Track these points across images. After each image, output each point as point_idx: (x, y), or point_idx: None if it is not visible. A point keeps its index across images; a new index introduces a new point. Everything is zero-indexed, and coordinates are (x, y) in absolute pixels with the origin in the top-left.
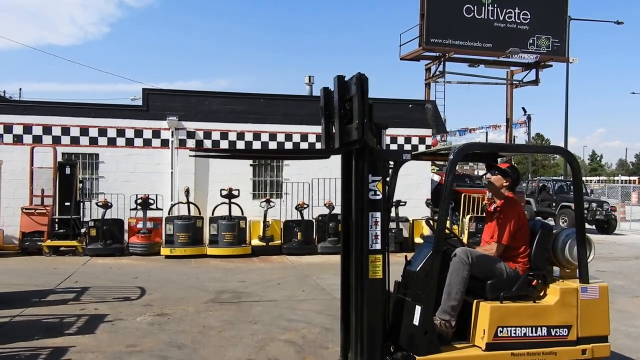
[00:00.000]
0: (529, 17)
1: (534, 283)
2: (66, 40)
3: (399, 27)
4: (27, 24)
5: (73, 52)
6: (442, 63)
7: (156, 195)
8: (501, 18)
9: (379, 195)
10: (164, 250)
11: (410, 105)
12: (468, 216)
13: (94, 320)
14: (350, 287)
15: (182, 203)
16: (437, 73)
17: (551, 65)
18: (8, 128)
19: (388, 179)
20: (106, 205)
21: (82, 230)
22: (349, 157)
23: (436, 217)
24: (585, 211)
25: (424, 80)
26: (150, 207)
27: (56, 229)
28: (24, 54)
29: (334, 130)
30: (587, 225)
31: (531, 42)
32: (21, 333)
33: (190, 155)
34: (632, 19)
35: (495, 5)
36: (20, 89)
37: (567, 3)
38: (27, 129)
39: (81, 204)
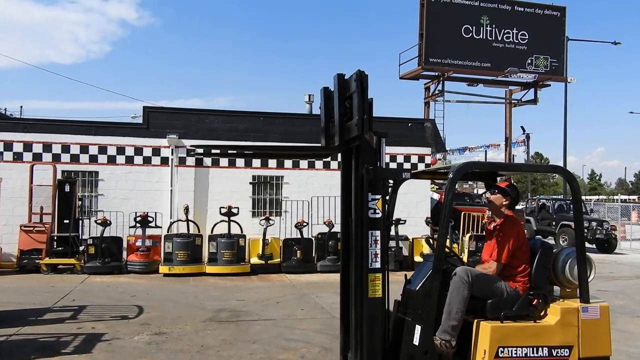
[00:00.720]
0: (527, 37)
1: (534, 302)
2: (68, 58)
3: (398, 47)
4: (30, 42)
5: (75, 70)
6: (441, 82)
7: (155, 213)
8: (499, 38)
9: (378, 213)
10: (163, 268)
11: (409, 124)
12: (468, 235)
13: (91, 339)
14: (350, 306)
15: (182, 221)
16: (436, 92)
17: (549, 85)
18: (8, 146)
19: (387, 197)
20: (105, 223)
21: (81, 248)
22: (349, 159)
23: (436, 236)
24: (585, 230)
25: (423, 99)
26: (150, 224)
27: (54, 246)
28: (26, 73)
29: (333, 131)
30: (587, 244)
31: (529, 62)
32: (17, 352)
33: (189, 153)
34: (629, 39)
35: (494, 26)
36: (21, 107)
37: (565, 24)
38: (27, 146)
39: (80, 221)
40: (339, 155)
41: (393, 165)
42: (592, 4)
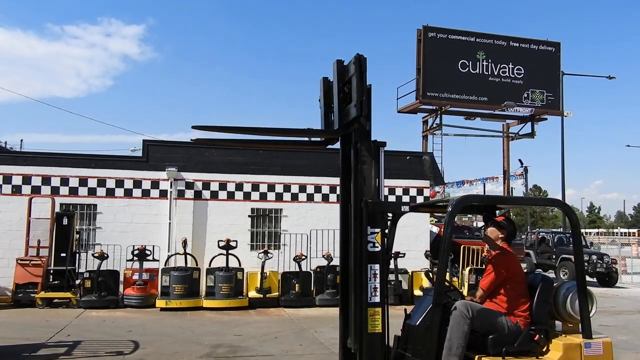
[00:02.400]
0: (523, 72)
1: (536, 338)
2: (70, 92)
3: (396, 80)
4: (33, 76)
5: (76, 104)
6: (438, 116)
7: (153, 246)
8: (495, 73)
9: (377, 247)
10: (160, 303)
11: (408, 157)
12: (468, 268)
13: None
14: (349, 341)
15: (179, 254)
16: (434, 125)
17: (546, 119)
18: (7, 179)
19: (387, 230)
20: (102, 257)
21: (77, 282)
22: (348, 144)
23: (436, 269)
24: (586, 264)
25: (421, 132)
26: (147, 258)
27: (51, 280)
28: (27, 106)
29: (332, 119)
30: (588, 278)
31: (526, 96)
32: None
33: (192, 140)
34: (623, 73)
35: (490, 61)
36: (21, 140)
37: (560, 59)
38: (27, 179)
39: (77, 254)
40: (339, 160)
41: (392, 198)
42: (586, 38)
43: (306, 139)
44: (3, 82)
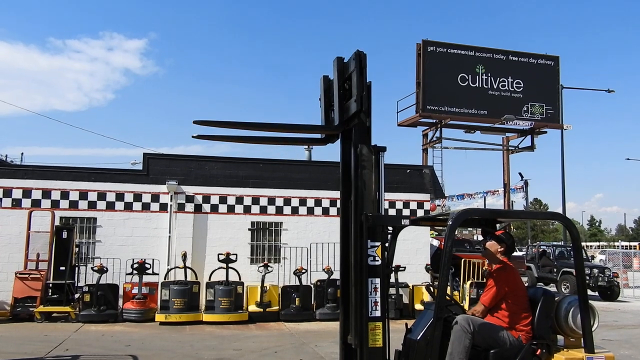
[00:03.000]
0: (522, 85)
1: (538, 352)
2: (72, 106)
3: (396, 94)
4: (35, 90)
5: (77, 117)
6: (438, 129)
7: (153, 259)
8: (495, 86)
9: (378, 260)
10: (159, 317)
11: (408, 171)
12: (469, 282)
13: None
14: (350, 356)
15: (179, 268)
16: (434, 139)
17: (546, 132)
18: (7, 192)
19: (387, 244)
20: (101, 270)
21: (76, 296)
22: (348, 140)
23: (436, 283)
24: (587, 277)
25: (421, 145)
26: (147, 272)
27: (49, 294)
28: (28, 119)
29: (332, 117)
30: (589, 292)
31: (525, 109)
32: None
33: (193, 136)
34: (622, 87)
35: (489, 75)
36: (22, 154)
37: (559, 72)
38: (27, 193)
39: (76, 268)
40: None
41: (392, 212)
42: (585, 52)
43: (308, 136)
44: (5, 95)
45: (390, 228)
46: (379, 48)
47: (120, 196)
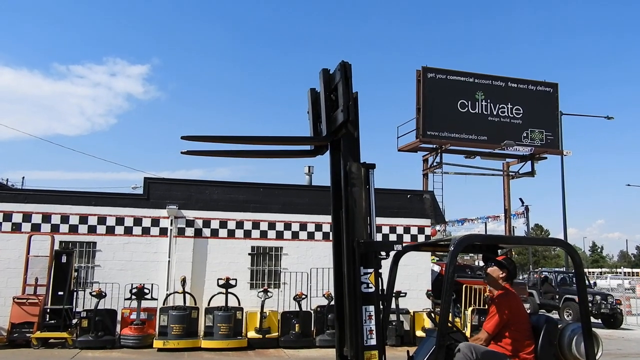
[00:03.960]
0: (522, 112)
1: None
2: (74, 130)
3: (397, 119)
4: (37, 114)
5: (79, 141)
6: (439, 154)
7: (152, 284)
8: (494, 112)
9: (372, 287)
10: (157, 343)
11: (408, 196)
12: (470, 308)
13: None
14: None
15: (178, 293)
16: (435, 164)
17: (546, 158)
18: (7, 216)
19: (380, 270)
20: (100, 295)
21: (74, 321)
22: (337, 152)
23: (438, 310)
24: (590, 304)
25: (421, 170)
26: (145, 297)
27: (47, 319)
28: (30, 144)
29: (320, 128)
30: (592, 319)
31: (525, 135)
32: None
33: (182, 152)
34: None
35: (489, 101)
36: (23, 178)
37: (558, 99)
38: (27, 217)
39: (75, 293)
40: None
41: (393, 237)
42: (584, 78)
43: (297, 148)
44: (7, 120)
45: (383, 254)
46: (378, 74)
47: (120, 220)
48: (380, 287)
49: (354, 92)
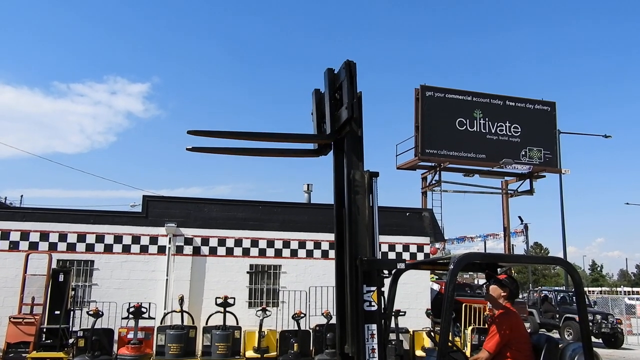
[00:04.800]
0: (520, 130)
1: None
2: (74, 148)
3: (395, 138)
4: (37, 133)
5: (79, 159)
6: (437, 172)
7: (149, 303)
8: (493, 131)
9: (374, 306)
10: None
11: (407, 214)
12: (470, 327)
13: None
14: None
15: (176, 312)
16: (433, 182)
17: (544, 176)
18: (5, 234)
19: (383, 288)
20: (97, 314)
21: (70, 341)
22: (340, 152)
23: (437, 329)
24: (590, 324)
25: (420, 188)
26: (143, 316)
27: (43, 339)
28: (29, 162)
29: (324, 128)
30: (593, 339)
31: (523, 153)
32: None
33: (187, 149)
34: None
35: (487, 119)
36: (21, 196)
37: (556, 118)
38: (24, 235)
39: (72, 312)
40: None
41: (392, 255)
42: (582, 97)
43: (299, 147)
44: (7, 139)
45: (386, 272)
46: (377, 92)
47: (118, 238)
48: (382, 306)
49: (359, 91)
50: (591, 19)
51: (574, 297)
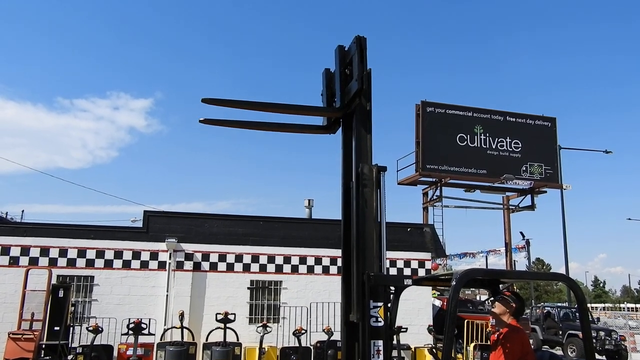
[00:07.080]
0: (520, 146)
1: None
2: (75, 163)
3: (396, 153)
4: (39, 148)
5: (80, 175)
6: (438, 188)
7: (149, 319)
8: (494, 146)
9: (380, 322)
10: None
11: (408, 229)
12: (472, 344)
13: None
14: None
15: (176, 328)
16: (434, 197)
17: (546, 192)
18: (5, 250)
19: (389, 304)
20: (96, 330)
21: (70, 357)
22: (349, 124)
23: (439, 345)
24: (594, 340)
25: (421, 204)
26: (142, 332)
27: (42, 355)
28: (30, 177)
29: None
30: (597, 356)
31: (524, 169)
32: None
33: (200, 120)
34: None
35: (488, 135)
36: (22, 211)
37: (556, 133)
38: (25, 250)
39: (71, 328)
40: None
41: (393, 271)
42: (582, 113)
43: (310, 124)
44: (9, 154)
45: (392, 288)
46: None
47: (118, 254)
48: (388, 322)
49: (368, 68)
50: (595, 20)
51: (577, 313)
